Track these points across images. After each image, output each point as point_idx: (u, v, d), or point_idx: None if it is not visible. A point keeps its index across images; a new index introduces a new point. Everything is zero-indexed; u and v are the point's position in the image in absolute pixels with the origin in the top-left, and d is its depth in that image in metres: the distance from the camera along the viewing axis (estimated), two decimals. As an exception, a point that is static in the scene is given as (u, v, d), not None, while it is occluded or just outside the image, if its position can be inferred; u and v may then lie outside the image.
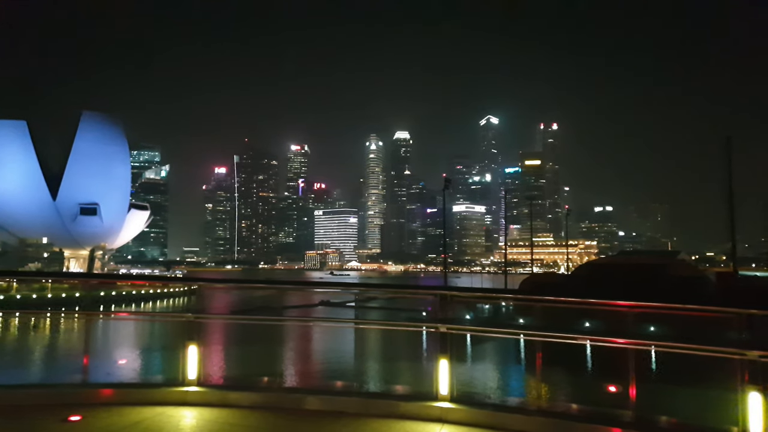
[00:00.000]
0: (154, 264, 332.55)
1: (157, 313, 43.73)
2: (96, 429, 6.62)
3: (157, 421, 6.95)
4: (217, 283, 9.51)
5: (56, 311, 55.97)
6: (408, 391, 8.31)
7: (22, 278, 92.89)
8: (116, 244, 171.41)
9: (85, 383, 8.10)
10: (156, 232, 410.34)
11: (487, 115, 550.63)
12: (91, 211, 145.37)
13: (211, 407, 7.49)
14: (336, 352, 27.62)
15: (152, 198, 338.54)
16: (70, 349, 35.12)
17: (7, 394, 7.69)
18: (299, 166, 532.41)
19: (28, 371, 27.01)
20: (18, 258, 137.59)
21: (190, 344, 7.94)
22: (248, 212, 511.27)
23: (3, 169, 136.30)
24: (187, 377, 7.86)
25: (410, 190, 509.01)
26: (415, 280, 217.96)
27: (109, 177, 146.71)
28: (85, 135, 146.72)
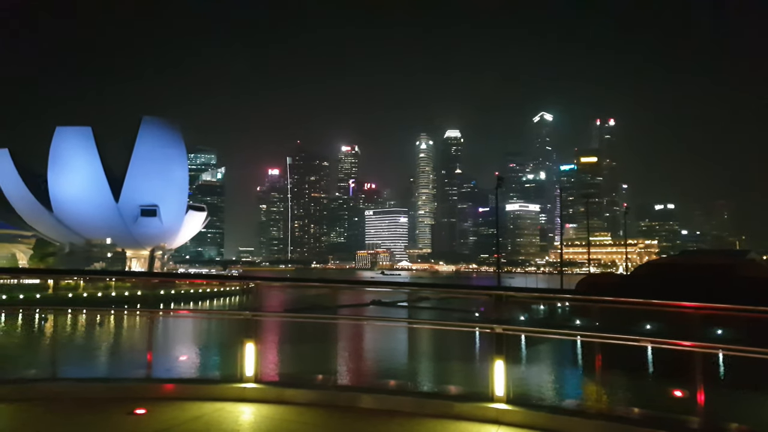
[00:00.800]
0: (211, 263, 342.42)
1: (216, 311, 45.00)
2: (159, 422, 6.85)
3: (217, 416, 7.12)
4: (273, 281, 9.66)
5: (119, 309, 58.35)
6: (462, 392, 8.21)
7: (89, 277, 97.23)
8: (175, 245, 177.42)
9: (149, 378, 8.39)
10: (213, 232, 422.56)
11: (541, 111, 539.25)
12: (151, 213, 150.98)
13: (268, 404, 7.62)
14: (388, 352, 27.64)
15: (209, 199, 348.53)
16: (133, 345, 36.63)
17: (79, 387, 8.06)
18: (350, 166, 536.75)
19: (96, 365, 28.27)
20: (84, 258, 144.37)
21: (247, 342, 8.10)
22: (301, 213, 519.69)
23: (70, 173, 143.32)
24: (244, 374, 8.02)
25: (461, 189, 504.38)
26: (467, 281, 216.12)
27: (167, 179, 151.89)
28: (145, 139, 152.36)
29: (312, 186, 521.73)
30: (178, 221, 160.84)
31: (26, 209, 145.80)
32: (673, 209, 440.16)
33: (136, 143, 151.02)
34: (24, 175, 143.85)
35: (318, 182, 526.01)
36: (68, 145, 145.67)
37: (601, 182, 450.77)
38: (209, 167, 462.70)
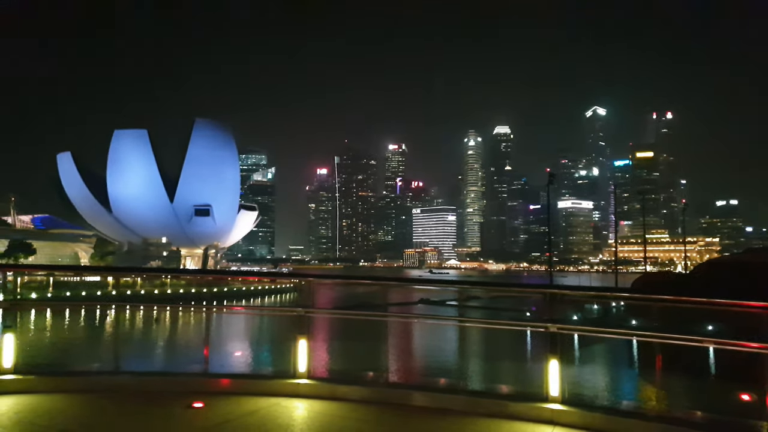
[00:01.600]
0: (262, 261, 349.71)
1: (269, 308, 45.88)
2: (217, 416, 7.02)
3: (272, 411, 7.25)
4: (324, 279, 9.77)
5: (175, 305, 60.20)
6: (515, 391, 8.08)
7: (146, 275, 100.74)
8: (228, 243, 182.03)
9: (206, 373, 8.63)
10: (264, 231, 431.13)
11: (594, 106, 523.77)
12: (204, 213, 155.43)
13: (321, 399, 7.70)
14: (437, 350, 27.57)
15: (260, 199, 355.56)
16: (189, 340, 37.72)
17: (140, 380, 8.36)
18: (397, 165, 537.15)
19: (155, 360, 29.29)
20: (141, 256, 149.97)
21: (300, 338, 8.20)
22: (348, 211, 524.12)
23: (128, 175, 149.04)
24: (298, 370, 8.12)
25: (511, 187, 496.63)
26: (517, 279, 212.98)
27: (220, 180, 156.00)
28: (198, 141, 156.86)
29: (359, 185, 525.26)
30: (231, 220, 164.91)
31: (87, 209, 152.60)
32: (736, 205, 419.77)
33: (190, 145, 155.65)
34: (85, 177, 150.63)
35: (365, 181, 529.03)
36: (126, 147, 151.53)
37: (658, 178, 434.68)
38: (260, 167, 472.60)
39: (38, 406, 7.10)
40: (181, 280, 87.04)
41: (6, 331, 8.08)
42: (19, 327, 8.34)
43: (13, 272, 10.11)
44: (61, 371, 8.86)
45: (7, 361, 7.85)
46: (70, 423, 6.55)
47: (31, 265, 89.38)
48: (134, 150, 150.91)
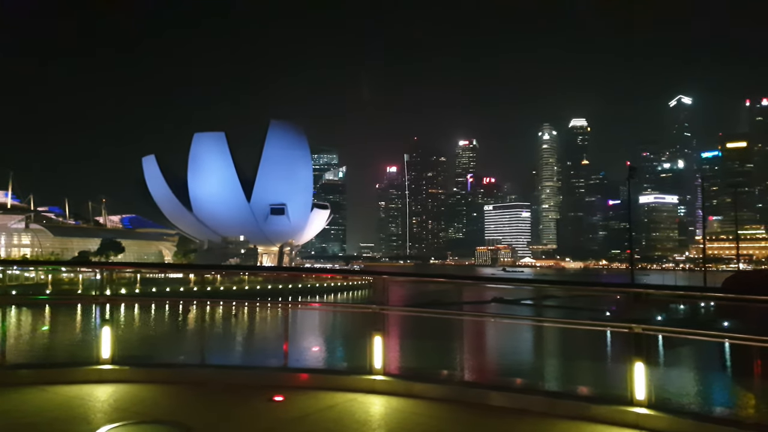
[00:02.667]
0: (335, 259, 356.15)
1: (346, 305, 46.72)
2: (296, 409, 7.20)
3: (349, 406, 7.35)
4: (398, 276, 9.81)
5: (252, 301, 62.38)
6: (597, 394, 7.80)
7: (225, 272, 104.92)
8: (302, 241, 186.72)
9: (285, 367, 8.86)
10: (335, 229, 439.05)
11: (678, 95, 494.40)
12: (279, 211, 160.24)
13: (397, 396, 7.73)
14: (513, 350, 27.09)
15: (331, 198, 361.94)
16: (266, 335, 38.93)
17: (224, 373, 8.72)
18: (467, 161, 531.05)
19: (235, 354, 30.48)
20: (221, 254, 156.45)
21: (376, 335, 8.27)
22: (418, 209, 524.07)
23: (208, 176, 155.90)
24: (373, 366, 8.20)
25: (589, 181, 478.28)
26: (596, 278, 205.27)
27: (294, 180, 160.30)
28: (273, 142, 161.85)
29: (429, 182, 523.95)
30: (304, 219, 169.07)
31: (170, 209, 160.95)
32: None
33: (265, 146, 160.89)
34: (168, 179, 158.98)
35: (435, 178, 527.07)
36: (205, 149, 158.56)
37: (752, 169, 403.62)
38: (331, 167, 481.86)
39: (133, 395, 7.56)
40: (258, 276, 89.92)
41: (104, 324, 8.65)
42: (113, 321, 8.89)
43: (109, 270, 10.79)
44: (152, 363, 9.37)
45: (105, 352, 8.40)
46: (161, 412, 6.92)
47: (121, 263, 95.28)
48: (213, 152, 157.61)
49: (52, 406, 7.02)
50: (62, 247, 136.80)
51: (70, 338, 40.95)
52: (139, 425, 6.40)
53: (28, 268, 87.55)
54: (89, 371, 8.22)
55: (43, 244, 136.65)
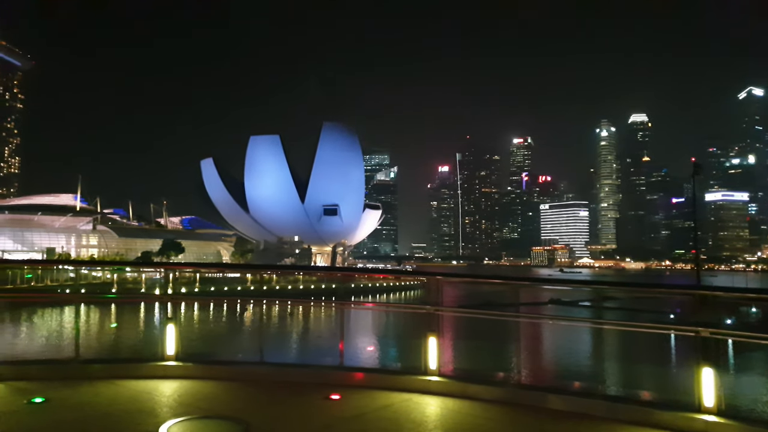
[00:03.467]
0: (387, 259, 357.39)
1: (400, 305, 46.90)
2: (352, 408, 7.27)
3: (405, 406, 7.37)
4: (452, 277, 9.75)
5: (307, 300, 63.44)
6: (661, 399, 7.52)
7: (280, 271, 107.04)
8: (354, 241, 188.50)
9: (341, 366, 8.96)
10: (387, 229, 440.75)
11: (748, 87, 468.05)
12: (332, 212, 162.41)
13: (452, 398, 7.69)
14: (571, 353, 26.49)
15: (383, 198, 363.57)
16: (321, 333, 39.46)
17: (281, 371, 8.89)
18: (522, 159, 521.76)
19: (291, 352, 31.05)
20: (276, 254, 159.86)
21: (430, 335, 8.26)
22: (471, 208, 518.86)
23: (264, 178, 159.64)
24: (428, 367, 8.18)
25: (650, 179, 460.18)
26: (659, 279, 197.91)
27: (346, 180, 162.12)
28: (326, 143, 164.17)
29: (483, 181, 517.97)
30: (356, 219, 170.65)
31: (227, 211, 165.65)
32: None
33: (318, 147, 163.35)
34: (225, 181, 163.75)
35: (489, 177, 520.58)
36: (260, 152, 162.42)
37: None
38: (383, 167, 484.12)
39: (196, 391, 7.82)
40: (313, 276, 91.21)
41: (168, 322, 8.99)
42: (176, 319, 9.23)
43: (170, 270, 11.20)
44: (213, 360, 9.67)
45: (170, 349, 8.74)
46: (223, 408, 7.13)
47: (181, 263, 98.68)
48: (268, 154, 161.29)
49: (123, 399, 7.35)
50: (126, 247, 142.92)
51: (135, 335, 42.78)
52: (202, 420, 6.61)
53: (96, 268, 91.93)
54: (155, 367, 8.57)
55: (109, 245, 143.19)
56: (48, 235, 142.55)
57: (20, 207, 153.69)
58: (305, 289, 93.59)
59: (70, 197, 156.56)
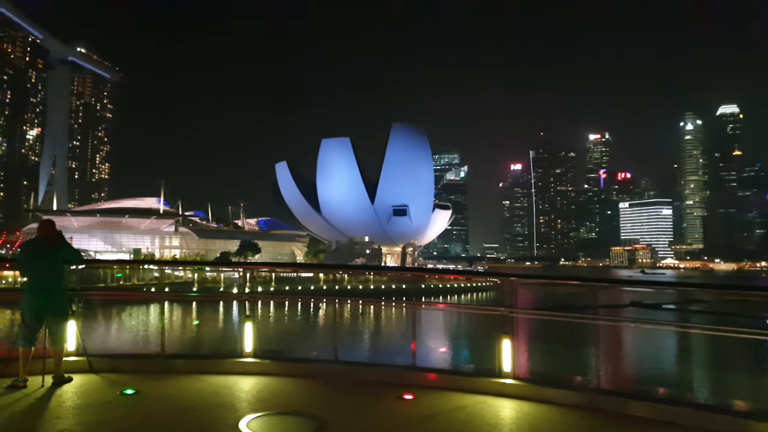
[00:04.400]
0: (457, 260, 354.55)
1: (471, 306, 46.40)
2: (426, 409, 7.23)
3: (479, 408, 7.26)
4: (527, 278, 9.52)
5: (378, 300, 63.99)
6: (758, 409, 7.02)
7: (351, 271, 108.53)
8: (424, 241, 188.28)
9: (414, 366, 8.95)
10: (458, 229, 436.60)
11: None
12: (401, 212, 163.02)
13: (527, 401, 7.52)
14: (654, 358, 25.26)
15: (453, 198, 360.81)
16: (391, 333, 39.63)
17: (355, 369, 8.98)
18: (599, 156, 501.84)
19: (362, 351, 31.40)
20: (347, 254, 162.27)
21: (504, 338, 8.11)
22: (546, 207, 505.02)
23: (335, 179, 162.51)
24: (502, 369, 8.03)
25: (742, 174, 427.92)
26: (754, 281, 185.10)
27: (415, 181, 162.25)
28: (395, 144, 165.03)
29: (557, 179, 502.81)
30: (426, 219, 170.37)
31: (301, 212, 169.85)
32: None
33: (387, 148, 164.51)
34: (298, 183, 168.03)
35: (564, 175, 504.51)
36: (332, 154, 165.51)
37: None
38: (452, 167, 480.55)
39: (274, 387, 8.05)
40: (383, 276, 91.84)
41: (246, 320, 9.30)
42: (254, 317, 9.53)
43: (248, 269, 11.60)
44: (289, 357, 9.89)
45: (248, 346, 9.04)
46: (299, 404, 7.29)
47: (258, 263, 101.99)
48: (339, 156, 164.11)
49: (205, 393, 7.66)
50: (206, 248, 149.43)
51: (214, 332, 44.62)
52: (280, 416, 6.78)
53: (178, 267, 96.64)
54: (234, 363, 8.88)
55: (190, 246, 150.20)
56: (134, 236, 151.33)
57: (110, 210, 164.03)
58: (376, 288, 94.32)
59: (154, 201, 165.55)
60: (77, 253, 8.55)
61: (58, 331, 8.02)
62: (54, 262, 8.09)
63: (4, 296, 34.61)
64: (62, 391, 7.58)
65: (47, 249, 8.14)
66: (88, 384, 7.94)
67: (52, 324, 7.96)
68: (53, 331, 7.97)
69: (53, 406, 7.00)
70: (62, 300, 8.14)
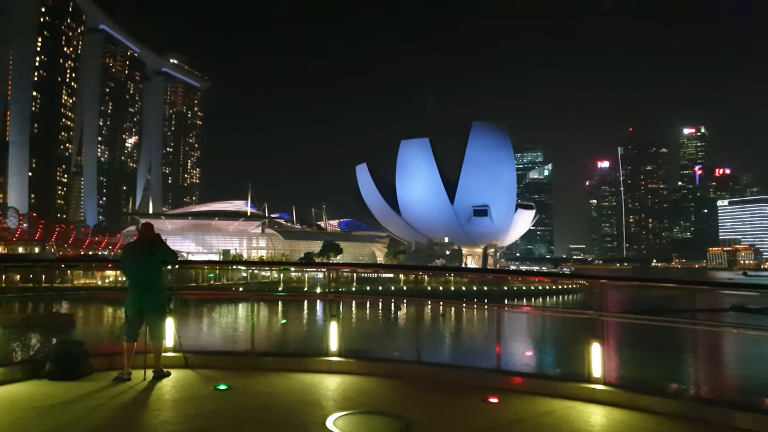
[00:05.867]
0: (542, 261, 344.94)
1: (557, 309, 45.05)
2: (512, 413, 7.07)
3: (567, 414, 7.02)
4: (617, 281, 9.11)
5: (459, 301, 63.53)
6: None
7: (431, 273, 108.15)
8: (506, 242, 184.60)
9: (499, 369, 8.78)
10: (542, 230, 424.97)
11: None
12: (482, 213, 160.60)
13: (620, 408, 7.19)
14: (760, 367, 23.40)
15: (536, 197, 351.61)
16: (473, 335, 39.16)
17: (439, 371, 8.92)
18: (694, 151, 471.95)
19: (443, 352, 31.24)
20: (427, 255, 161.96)
21: (594, 342, 7.81)
22: (636, 206, 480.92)
23: (415, 180, 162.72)
24: (592, 374, 7.73)
25: None
26: None
27: (496, 180, 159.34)
28: (475, 143, 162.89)
29: (648, 176, 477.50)
30: (508, 220, 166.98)
31: (380, 213, 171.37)
32: None
33: (467, 148, 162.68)
34: (378, 184, 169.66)
35: (655, 172, 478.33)
36: (411, 155, 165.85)
37: None
38: (536, 165, 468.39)
39: (359, 386, 8.15)
40: (464, 278, 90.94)
41: (330, 319, 9.49)
42: (338, 316, 9.70)
43: (332, 270, 11.84)
44: (373, 357, 9.99)
45: (333, 344, 9.21)
46: (384, 404, 7.32)
47: (340, 264, 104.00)
48: (418, 157, 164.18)
49: (292, 390, 7.87)
50: (291, 249, 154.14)
51: (300, 330, 45.91)
52: (366, 415, 6.85)
53: (264, 268, 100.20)
54: (320, 362, 9.06)
55: (276, 247, 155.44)
56: (224, 238, 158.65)
57: (201, 213, 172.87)
58: (456, 290, 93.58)
59: (241, 203, 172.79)
60: (174, 255, 9.02)
61: (158, 328, 8.51)
62: (153, 262, 8.59)
63: (107, 294, 37.17)
64: (162, 384, 8.04)
65: (147, 250, 8.66)
66: (185, 378, 8.38)
67: (152, 321, 8.45)
68: (153, 327, 8.47)
69: (154, 398, 7.44)
70: (161, 299, 8.63)
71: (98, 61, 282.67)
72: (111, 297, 28.11)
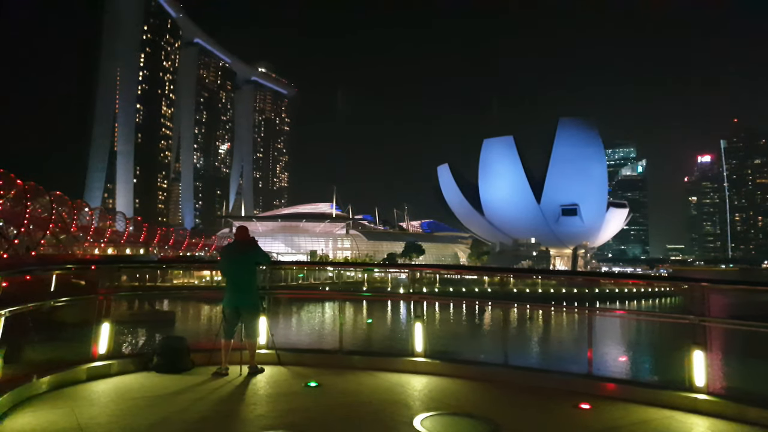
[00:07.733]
0: (636, 262, 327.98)
1: (653, 313, 42.90)
2: (605, 420, 6.82)
3: (666, 423, 6.68)
4: (720, 284, 8.55)
5: (547, 304, 61.67)
6: None
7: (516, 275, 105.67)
8: (597, 243, 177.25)
9: (590, 375, 8.47)
10: (636, 229, 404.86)
11: None
12: (571, 212, 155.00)
13: (724, 420, 6.74)
14: None
15: (629, 195, 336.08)
16: (562, 338, 37.93)
17: (527, 375, 8.76)
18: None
19: (532, 356, 30.50)
20: (512, 256, 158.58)
21: (695, 348, 7.37)
22: (743, 203, 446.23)
23: (498, 179, 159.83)
24: (693, 383, 7.29)
25: None
26: None
27: (586, 178, 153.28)
28: (563, 140, 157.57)
29: (757, 170, 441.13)
30: (599, 219, 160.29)
31: (463, 214, 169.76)
32: None
33: (554, 145, 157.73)
34: (460, 184, 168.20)
35: (765, 165, 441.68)
36: (494, 154, 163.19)
37: None
38: (628, 161, 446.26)
39: (445, 388, 8.15)
40: (552, 280, 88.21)
41: (416, 320, 9.55)
42: (423, 317, 9.74)
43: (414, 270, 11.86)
44: (459, 359, 9.94)
45: (418, 345, 9.27)
46: (471, 406, 7.29)
47: (422, 264, 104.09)
48: (502, 156, 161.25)
49: (380, 389, 8.00)
50: (374, 249, 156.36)
51: (385, 330, 46.40)
52: (452, 416, 6.84)
53: (349, 268, 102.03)
54: (406, 362, 9.14)
55: (360, 247, 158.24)
56: (311, 239, 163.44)
57: (289, 215, 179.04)
58: (544, 292, 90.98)
59: (327, 206, 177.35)
60: (267, 256, 9.46)
61: (252, 326, 8.93)
62: (249, 263, 9.04)
63: (204, 294, 39.24)
64: (256, 380, 8.42)
65: (243, 252, 9.13)
66: (278, 375, 8.73)
67: (247, 319, 8.88)
68: (248, 325, 8.91)
69: (250, 393, 7.80)
70: (256, 298, 9.05)
71: (194, 73, 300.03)
72: (208, 296, 29.74)
